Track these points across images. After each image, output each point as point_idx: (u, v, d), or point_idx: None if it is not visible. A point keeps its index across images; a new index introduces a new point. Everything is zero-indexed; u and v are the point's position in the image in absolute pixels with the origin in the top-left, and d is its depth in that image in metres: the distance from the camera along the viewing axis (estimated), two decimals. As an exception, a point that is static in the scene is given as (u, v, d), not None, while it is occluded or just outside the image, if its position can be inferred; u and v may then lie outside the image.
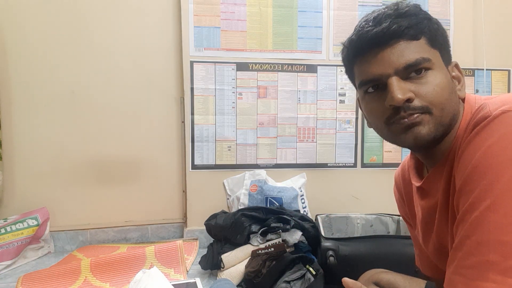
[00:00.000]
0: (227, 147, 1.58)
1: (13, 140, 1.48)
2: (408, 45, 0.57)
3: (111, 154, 1.54)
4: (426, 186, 0.64)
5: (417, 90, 0.56)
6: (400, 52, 0.57)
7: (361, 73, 0.61)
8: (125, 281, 1.18)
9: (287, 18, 1.57)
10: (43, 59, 1.48)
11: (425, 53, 0.57)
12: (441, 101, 0.56)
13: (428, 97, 0.56)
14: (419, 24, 0.57)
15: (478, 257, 0.45)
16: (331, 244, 1.14)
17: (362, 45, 0.59)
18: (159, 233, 1.59)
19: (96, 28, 1.50)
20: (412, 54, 0.56)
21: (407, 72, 0.57)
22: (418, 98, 0.56)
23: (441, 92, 0.56)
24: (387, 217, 1.45)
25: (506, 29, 1.67)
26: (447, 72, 0.59)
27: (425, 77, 0.56)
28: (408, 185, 0.76)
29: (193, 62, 1.53)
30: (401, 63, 0.56)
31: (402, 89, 0.56)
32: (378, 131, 0.63)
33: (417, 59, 0.56)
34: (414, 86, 0.56)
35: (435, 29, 0.59)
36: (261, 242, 1.24)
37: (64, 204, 1.53)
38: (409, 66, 0.56)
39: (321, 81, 1.61)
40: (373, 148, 1.65)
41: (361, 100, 0.65)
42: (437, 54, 0.58)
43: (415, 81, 0.57)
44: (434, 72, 0.57)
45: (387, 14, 0.57)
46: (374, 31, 0.57)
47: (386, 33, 0.56)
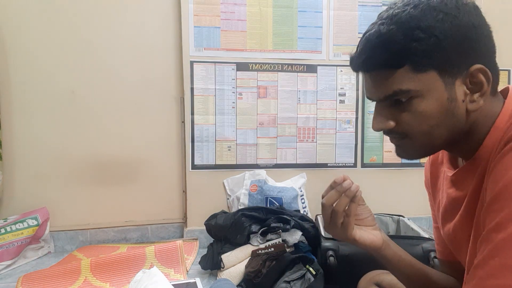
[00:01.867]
0: (227, 147, 1.58)
1: (13, 140, 1.48)
2: (389, 75, 0.55)
3: (111, 154, 1.54)
4: (457, 177, 0.63)
5: (397, 117, 0.57)
6: (380, 83, 0.57)
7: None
8: (125, 281, 1.18)
9: (287, 18, 1.57)
10: (43, 59, 1.48)
11: (405, 83, 0.54)
12: (423, 128, 0.56)
13: (407, 125, 0.57)
14: (403, 51, 0.53)
15: (501, 280, 0.44)
16: (331, 244, 1.14)
17: (353, 69, 0.61)
18: (159, 233, 1.59)
19: (96, 28, 1.50)
20: (390, 85, 0.55)
21: (389, 100, 0.57)
22: (398, 125, 0.57)
23: (423, 120, 0.56)
24: (387, 217, 1.45)
25: (506, 29, 1.67)
26: (443, 93, 0.54)
27: (408, 105, 0.56)
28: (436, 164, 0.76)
29: (193, 62, 1.53)
30: (380, 94, 0.57)
31: (379, 119, 0.59)
32: None
33: (395, 91, 0.55)
34: (397, 112, 0.57)
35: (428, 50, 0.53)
36: (261, 242, 1.24)
37: (64, 204, 1.53)
38: (387, 97, 0.57)
39: (321, 81, 1.61)
40: (373, 148, 1.65)
41: None
42: (429, 76, 0.54)
43: (399, 107, 0.57)
44: (418, 100, 0.55)
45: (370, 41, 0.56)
46: (358, 61, 0.58)
47: (366, 64, 0.57)
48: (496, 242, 0.46)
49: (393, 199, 1.65)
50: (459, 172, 0.63)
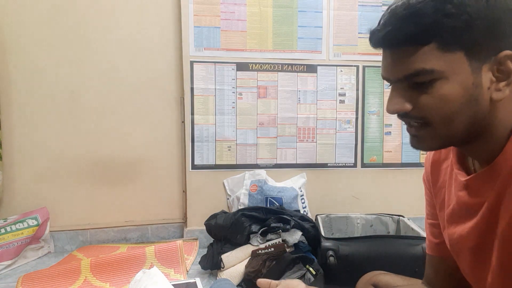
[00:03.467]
0: (227, 147, 1.58)
1: (13, 140, 1.48)
2: (413, 51, 0.50)
3: (111, 154, 1.54)
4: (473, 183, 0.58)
5: (416, 101, 0.52)
6: (402, 60, 0.52)
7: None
8: (125, 281, 1.18)
9: (287, 18, 1.57)
10: (43, 59, 1.48)
11: (430, 62, 0.50)
12: (444, 114, 0.51)
13: (427, 109, 0.52)
14: (432, 25, 0.49)
15: None
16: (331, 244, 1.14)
17: (374, 44, 0.56)
18: (159, 233, 1.59)
19: (96, 28, 1.50)
20: (412, 64, 0.51)
21: (410, 81, 0.52)
22: (417, 109, 0.52)
23: (445, 105, 0.50)
24: (387, 217, 1.45)
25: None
26: (469, 77, 0.50)
27: (430, 87, 0.51)
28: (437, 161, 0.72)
29: (193, 62, 1.53)
30: (401, 73, 0.52)
31: (394, 100, 0.53)
32: None
33: (417, 70, 0.50)
34: (415, 95, 0.52)
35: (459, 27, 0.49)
36: (261, 242, 1.24)
37: (64, 204, 1.53)
38: (408, 76, 0.52)
39: (321, 81, 1.61)
40: (373, 148, 1.65)
41: None
42: (454, 58, 0.50)
43: (420, 89, 0.52)
44: (443, 82, 0.50)
45: (396, 14, 0.51)
46: (379, 34, 0.53)
47: (390, 38, 0.52)
48: None
49: (393, 199, 1.65)
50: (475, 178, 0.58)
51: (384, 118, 1.65)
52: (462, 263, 0.65)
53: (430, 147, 0.54)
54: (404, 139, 1.65)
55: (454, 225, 0.64)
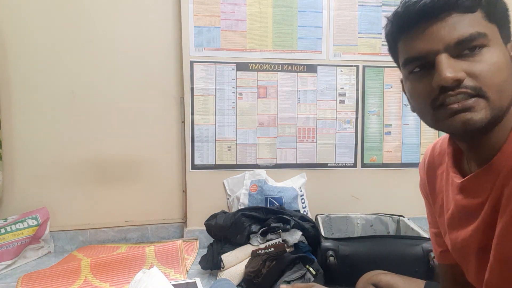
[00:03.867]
0: (227, 147, 1.58)
1: (13, 140, 1.48)
2: (462, 18, 0.50)
3: (111, 154, 1.54)
4: (469, 184, 0.57)
5: (470, 69, 0.49)
6: (452, 26, 0.50)
7: (406, 50, 0.55)
8: (125, 281, 1.18)
9: (287, 18, 1.57)
10: (43, 59, 1.48)
11: (481, 27, 0.50)
12: (498, 82, 0.49)
13: (482, 77, 0.49)
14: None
15: None
16: (331, 244, 1.14)
17: (409, 19, 0.53)
18: (159, 233, 1.59)
19: (96, 28, 1.50)
20: (465, 28, 0.49)
21: (459, 49, 0.50)
22: (471, 77, 0.49)
23: (498, 73, 0.49)
24: (387, 217, 1.45)
25: None
26: (505, 51, 0.52)
27: (479, 55, 0.50)
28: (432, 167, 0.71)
29: (193, 62, 1.53)
30: (453, 38, 0.50)
31: (452, 67, 0.49)
32: (422, 115, 0.57)
33: (472, 33, 0.49)
34: (466, 64, 0.50)
35: (493, 1, 0.51)
36: (261, 242, 1.24)
37: (64, 204, 1.53)
38: (461, 41, 0.50)
39: (321, 81, 1.61)
40: (373, 148, 1.65)
41: (404, 81, 0.59)
42: (495, 30, 0.51)
43: (468, 59, 0.50)
44: (491, 50, 0.50)
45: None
46: (422, 2, 0.50)
47: (437, 4, 0.50)
48: None
49: (393, 199, 1.65)
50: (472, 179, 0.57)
51: (384, 118, 1.65)
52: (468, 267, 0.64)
53: (483, 119, 0.49)
54: (404, 139, 1.65)
55: (456, 230, 0.63)
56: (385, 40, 0.61)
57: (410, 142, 1.65)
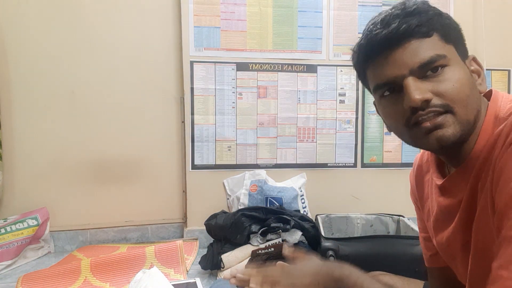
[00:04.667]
0: (227, 147, 1.58)
1: (13, 140, 1.48)
2: (421, 43, 0.54)
3: (111, 154, 1.54)
4: (448, 185, 0.62)
5: (435, 88, 0.53)
6: (413, 51, 0.54)
7: (375, 77, 0.59)
8: (125, 281, 1.18)
9: (287, 18, 1.57)
10: (43, 59, 1.48)
11: (439, 50, 0.54)
12: (463, 97, 0.53)
13: (448, 94, 0.53)
14: (430, 21, 0.55)
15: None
16: (331, 244, 1.14)
17: (373, 49, 0.57)
18: (159, 233, 1.59)
19: (96, 28, 1.50)
20: (425, 52, 0.54)
21: (423, 71, 0.54)
22: (438, 96, 0.53)
23: (461, 88, 0.53)
24: (387, 217, 1.45)
25: (506, 29, 1.67)
26: (465, 67, 0.56)
27: (442, 75, 0.54)
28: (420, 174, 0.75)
29: (193, 62, 1.53)
30: (415, 62, 0.54)
31: (419, 89, 0.53)
32: (399, 135, 0.61)
33: (432, 56, 0.53)
34: (431, 85, 0.54)
35: (447, 24, 0.56)
36: (261, 242, 1.24)
37: (64, 204, 1.53)
38: (424, 64, 0.54)
39: (321, 81, 1.61)
40: (373, 148, 1.65)
41: (377, 104, 0.63)
42: (452, 49, 0.56)
43: (432, 79, 0.54)
44: (452, 68, 0.54)
45: (395, 14, 0.56)
46: (383, 33, 0.55)
47: (396, 33, 0.54)
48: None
49: (393, 199, 1.65)
50: (449, 179, 0.62)
51: (384, 118, 1.64)
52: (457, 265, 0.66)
53: (454, 135, 0.53)
54: (404, 139, 1.65)
55: (441, 231, 0.66)
56: (354, 69, 0.66)
57: (410, 142, 1.65)
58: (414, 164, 0.78)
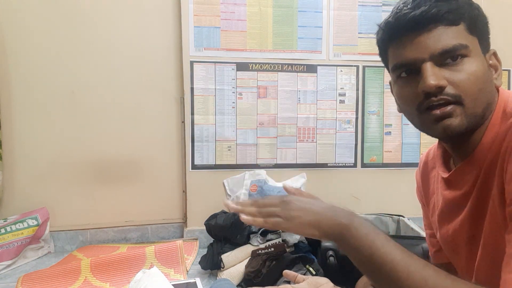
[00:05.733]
0: (227, 147, 1.58)
1: (13, 140, 1.48)
2: (446, 30, 0.55)
3: (111, 154, 1.54)
4: (454, 178, 0.63)
5: (451, 77, 0.55)
6: (438, 37, 0.55)
7: (395, 57, 0.60)
8: (125, 281, 1.18)
9: (287, 18, 1.57)
10: (43, 59, 1.48)
11: (463, 39, 0.55)
12: (475, 91, 0.55)
13: (461, 85, 0.54)
14: (459, 9, 0.55)
15: None
16: (331, 244, 1.14)
17: (399, 28, 0.58)
18: (159, 233, 1.59)
19: (96, 28, 1.50)
20: (449, 39, 0.55)
21: (443, 58, 0.55)
22: (451, 85, 0.54)
23: (475, 81, 0.55)
24: (387, 217, 1.45)
25: (506, 29, 1.67)
26: (484, 60, 0.57)
27: (460, 65, 0.55)
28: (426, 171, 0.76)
29: (193, 62, 1.53)
30: (438, 48, 0.55)
31: (435, 75, 0.54)
32: (409, 117, 0.62)
33: (455, 45, 0.54)
34: (448, 73, 0.55)
35: (475, 15, 0.57)
36: (261, 242, 1.24)
37: (64, 204, 1.53)
38: (445, 52, 0.55)
39: (321, 81, 1.61)
40: (373, 148, 1.65)
41: (393, 84, 0.65)
42: (475, 41, 0.56)
43: (450, 67, 0.55)
44: (471, 60, 0.55)
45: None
46: (412, 14, 0.55)
47: (425, 16, 0.55)
48: None
49: (393, 199, 1.65)
50: (455, 172, 0.63)
51: (384, 118, 1.65)
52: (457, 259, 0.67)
53: (460, 125, 0.55)
54: (404, 139, 1.65)
55: (446, 224, 0.67)
56: (376, 45, 0.67)
57: (410, 142, 1.65)
58: (420, 162, 0.80)
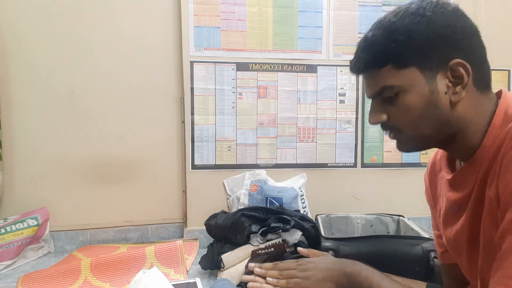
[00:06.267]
0: (227, 147, 1.58)
1: (13, 140, 1.48)
2: (375, 74, 0.63)
3: (111, 154, 1.54)
4: (456, 179, 0.66)
5: (389, 112, 0.64)
6: (368, 82, 0.65)
7: None
8: (125, 281, 1.18)
9: (287, 18, 1.57)
10: (43, 59, 1.48)
11: (390, 80, 0.61)
12: (410, 119, 0.61)
13: (395, 118, 0.63)
14: (384, 52, 0.60)
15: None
16: (331, 244, 1.14)
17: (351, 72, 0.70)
18: (159, 233, 1.59)
19: (96, 28, 1.50)
20: (375, 84, 0.63)
21: (380, 97, 0.64)
22: (390, 119, 0.64)
23: (408, 113, 0.61)
24: (387, 217, 1.45)
25: (506, 29, 1.67)
26: (424, 87, 0.59)
27: (396, 100, 0.61)
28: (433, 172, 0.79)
29: (193, 62, 1.53)
30: (369, 92, 0.66)
31: (373, 114, 0.65)
32: None
33: (381, 87, 0.62)
34: (387, 107, 0.63)
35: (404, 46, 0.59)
36: (261, 242, 1.24)
37: (64, 204, 1.53)
38: (376, 94, 0.64)
39: (321, 81, 1.61)
40: (373, 148, 1.65)
41: None
42: (409, 72, 0.60)
43: (390, 101, 0.63)
44: (404, 94, 0.60)
45: (360, 45, 0.65)
46: (351, 64, 0.68)
47: (355, 66, 0.67)
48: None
49: (393, 199, 1.65)
50: (458, 174, 0.65)
51: (384, 118, 1.64)
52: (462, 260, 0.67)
53: (408, 149, 0.66)
54: (404, 139, 1.65)
55: (450, 225, 0.69)
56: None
57: (410, 142, 1.65)
58: (428, 163, 0.83)
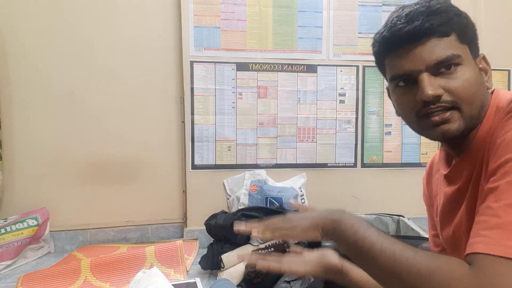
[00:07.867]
0: (227, 147, 1.58)
1: (13, 140, 1.48)
2: (439, 42, 0.59)
3: (111, 154, 1.54)
4: (452, 173, 0.67)
5: (446, 85, 0.58)
6: (431, 49, 0.59)
7: (393, 68, 0.64)
8: (125, 281, 1.18)
9: (287, 18, 1.57)
10: (43, 59, 1.48)
11: (455, 49, 0.59)
12: (470, 95, 0.58)
13: (457, 92, 0.58)
14: (450, 21, 0.59)
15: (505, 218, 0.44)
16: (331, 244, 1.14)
17: (394, 42, 0.61)
18: (159, 233, 1.59)
19: (96, 28, 1.50)
20: (442, 51, 0.58)
21: (438, 68, 0.59)
22: (448, 93, 0.58)
23: (469, 87, 0.58)
24: (387, 217, 1.45)
25: (506, 29, 1.67)
26: (475, 66, 0.61)
27: (454, 73, 0.58)
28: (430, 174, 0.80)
29: (193, 62, 1.53)
30: (432, 59, 0.58)
31: (432, 85, 0.58)
32: (408, 122, 0.66)
33: (448, 55, 0.58)
34: (444, 81, 0.58)
35: (464, 24, 0.61)
36: (261, 242, 1.24)
37: (64, 204, 1.53)
38: (439, 62, 0.58)
39: (321, 81, 1.61)
40: (373, 148, 1.65)
41: (391, 92, 0.69)
42: (466, 49, 0.60)
43: (445, 76, 0.59)
44: (463, 67, 0.59)
45: (420, 11, 0.59)
46: (406, 28, 0.59)
47: (418, 31, 0.58)
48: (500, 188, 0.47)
49: (393, 199, 1.65)
50: (454, 167, 0.66)
51: (384, 118, 1.65)
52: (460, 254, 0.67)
53: (458, 129, 0.59)
54: (404, 139, 1.65)
55: (447, 220, 0.69)
56: (373, 56, 0.70)
57: (410, 142, 1.65)
58: (426, 167, 0.83)
